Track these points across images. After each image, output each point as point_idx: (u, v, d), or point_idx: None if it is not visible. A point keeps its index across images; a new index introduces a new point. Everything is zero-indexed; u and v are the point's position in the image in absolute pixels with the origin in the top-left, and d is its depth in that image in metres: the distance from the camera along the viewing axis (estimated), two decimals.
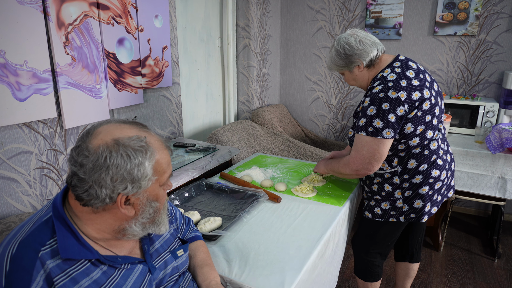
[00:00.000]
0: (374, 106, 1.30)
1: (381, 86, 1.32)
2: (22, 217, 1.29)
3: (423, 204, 1.43)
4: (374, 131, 1.31)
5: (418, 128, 1.33)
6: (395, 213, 1.48)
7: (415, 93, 1.30)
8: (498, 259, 2.40)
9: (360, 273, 1.69)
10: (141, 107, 1.97)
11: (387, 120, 1.29)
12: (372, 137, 1.32)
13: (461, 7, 2.70)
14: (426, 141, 1.37)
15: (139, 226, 0.80)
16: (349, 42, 1.41)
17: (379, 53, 1.42)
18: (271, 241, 1.22)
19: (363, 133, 1.34)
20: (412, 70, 1.35)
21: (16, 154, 1.36)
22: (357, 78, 1.47)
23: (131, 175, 0.72)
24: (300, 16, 3.33)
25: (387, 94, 1.29)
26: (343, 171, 1.48)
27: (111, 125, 0.76)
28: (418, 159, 1.39)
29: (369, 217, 1.54)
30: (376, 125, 1.30)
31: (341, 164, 1.49)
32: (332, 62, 1.50)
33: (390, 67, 1.39)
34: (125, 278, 0.79)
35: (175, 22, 2.15)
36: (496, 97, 2.77)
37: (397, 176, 1.43)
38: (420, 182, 1.41)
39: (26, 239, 0.70)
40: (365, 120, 1.33)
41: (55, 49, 1.42)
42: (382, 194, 1.49)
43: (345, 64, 1.45)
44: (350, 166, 1.42)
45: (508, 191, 2.23)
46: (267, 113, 3.07)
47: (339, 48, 1.44)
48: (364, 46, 1.40)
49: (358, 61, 1.42)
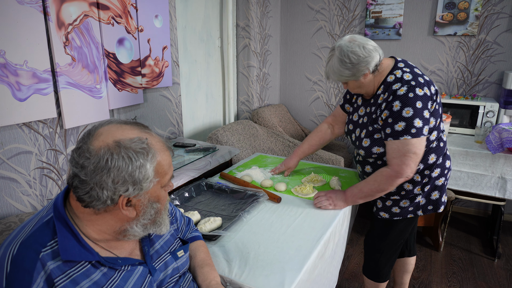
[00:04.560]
0: (410, 107, 1.29)
1: (405, 87, 1.32)
2: (22, 217, 1.29)
3: (440, 195, 1.48)
4: (417, 131, 1.30)
5: (437, 121, 1.37)
6: (413, 209, 1.49)
7: (432, 87, 1.35)
8: (498, 259, 2.41)
9: (370, 273, 1.68)
10: (141, 107, 1.97)
11: (424, 118, 1.30)
12: (417, 138, 1.30)
13: (461, 7, 2.70)
14: (440, 133, 1.42)
15: (140, 227, 0.80)
16: (354, 50, 1.33)
17: (381, 57, 1.38)
18: (271, 241, 1.22)
19: (407, 137, 1.30)
20: (416, 69, 1.40)
21: (16, 154, 1.36)
22: (363, 85, 1.42)
23: (132, 177, 0.72)
24: (300, 16, 3.32)
25: (416, 93, 1.30)
26: (387, 187, 1.37)
27: (112, 126, 0.76)
28: (436, 152, 1.42)
29: (385, 217, 1.54)
30: (417, 125, 1.29)
31: (380, 181, 1.38)
32: (336, 73, 1.39)
33: (397, 68, 1.39)
34: (125, 279, 0.79)
35: (175, 22, 2.15)
36: (496, 97, 2.77)
37: (418, 173, 1.43)
38: (438, 175, 1.45)
39: (27, 240, 0.70)
40: (404, 123, 1.30)
41: (55, 49, 1.42)
42: (402, 194, 1.48)
43: (352, 74, 1.37)
44: (399, 174, 1.33)
45: (508, 191, 2.23)
46: (267, 113, 3.07)
47: (344, 57, 1.34)
48: (370, 52, 1.34)
49: (365, 69, 1.35)
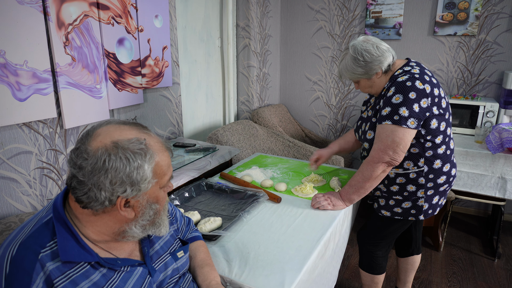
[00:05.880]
0: (401, 95, 1.31)
1: (408, 76, 1.34)
2: (22, 217, 1.29)
3: (439, 199, 1.50)
4: (399, 119, 1.30)
5: (441, 124, 1.37)
6: (415, 212, 1.49)
7: (436, 89, 1.35)
8: (498, 259, 2.40)
9: (366, 266, 1.71)
10: (141, 107, 1.97)
11: (412, 109, 1.29)
12: (398, 125, 1.31)
13: (461, 7, 2.70)
14: (447, 138, 1.41)
15: (139, 228, 0.80)
16: (368, 49, 1.38)
17: (395, 58, 1.43)
18: (271, 241, 1.22)
19: (387, 122, 1.32)
20: (427, 70, 1.41)
21: (16, 154, 1.36)
22: (374, 84, 1.46)
23: (130, 178, 0.72)
24: (300, 16, 3.32)
25: (414, 84, 1.30)
26: (369, 173, 1.38)
27: (111, 126, 0.76)
28: (442, 159, 1.42)
29: (387, 216, 1.55)
30: (402, 113, 1.30)
31: (361, 170, 1.41)
32: (349, 70, 1.44)
33: (408, 65, 1.41)
34: (125, 280, 0.79)
35: (175, 22, 2.14)
36: (496, 97, 2.77)
37: (423, 176, 1.43)
38: (444, 182, 1.46)
39: (26, 241, 0.70)
40: (390, 109, 1.32)
41: (55, 49, 1.42)
42: (404, 194, 1.48)
43: (364, 72, 1.42)
44: (376, 159, 1.35)
45: (508, 191, 2.23)
46: (267, 113, 3.07)
47: (357, 55, 1.39)
48: (383, 52, 1.39)
49: (377, 68, 1.40)
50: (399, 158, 1.34)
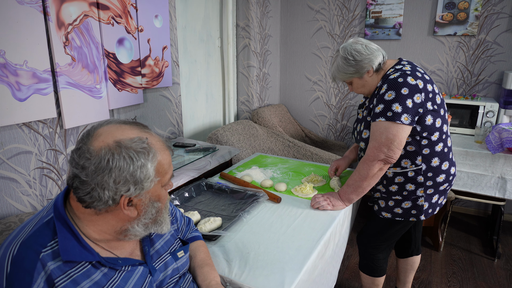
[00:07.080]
0: (393, 91, 1.31)
1: (399, 73, 1.35)
2: (22, 217, 1.29)
3: (438, 198, 1.49)
4: (393, 115, 1.30)
5: (437, 121, 1.37)
6: (415, 212, 1.49)
7: (429, 85, 1.35)
8: (498, 259, 2.41)
9: (367, 268, 1.70)
10: (141, 107, 1.97)
11: (405, 105, 1.30)
12: (391, 122, 1.31)
13: (461, 7, 2.70)
14: (444, 135, 1.41)
15: (141, 227, 0.80)
16: (357, 48, 1.42)
17: (385, 58, 1.46)
18: (271, 241, 1.22)
19: (381, 119, 1.32)
20: (419, 68, 1.42)
21: (16, 154, 1.36)
22: (367, 83, 1.47)
23: (134, 177, 0.72)
24: (300, 16, 3.32)
25: (406, 80, 1.31)
26: (366, 172, 1.38)
27: (112, 126, 0.76)
28: (440, 157, 1.42)
29: (388, 217, 1.54)
30: (395, 109, 1.30)
31: (358, 169, 1.41)
32: (340, 70, 1.47)
33: (399, 64, 1.43)
34: (126, 280, 0.79)
35: (175, 22, 2.14)
36: (496, 97, 2.77)
37: (421, 175, 1.43)
38: (443, 181, 1.45)
39: (27, 240, 0.70)
40: (383, 105, 1.33)
41: (55, 49, 1.42)
42: (404, 194, 1.48)
43: (355, 71, 1.44)
44: (371, 157, 1.35)
45: (508, 191, 2.23)
46: (267, 113, 3.07)
47: (347, 55, 1.43)
48: (373, 51, 1.42)
49: (368, 66, 1.42)
50: (395, 155, 1.34)
